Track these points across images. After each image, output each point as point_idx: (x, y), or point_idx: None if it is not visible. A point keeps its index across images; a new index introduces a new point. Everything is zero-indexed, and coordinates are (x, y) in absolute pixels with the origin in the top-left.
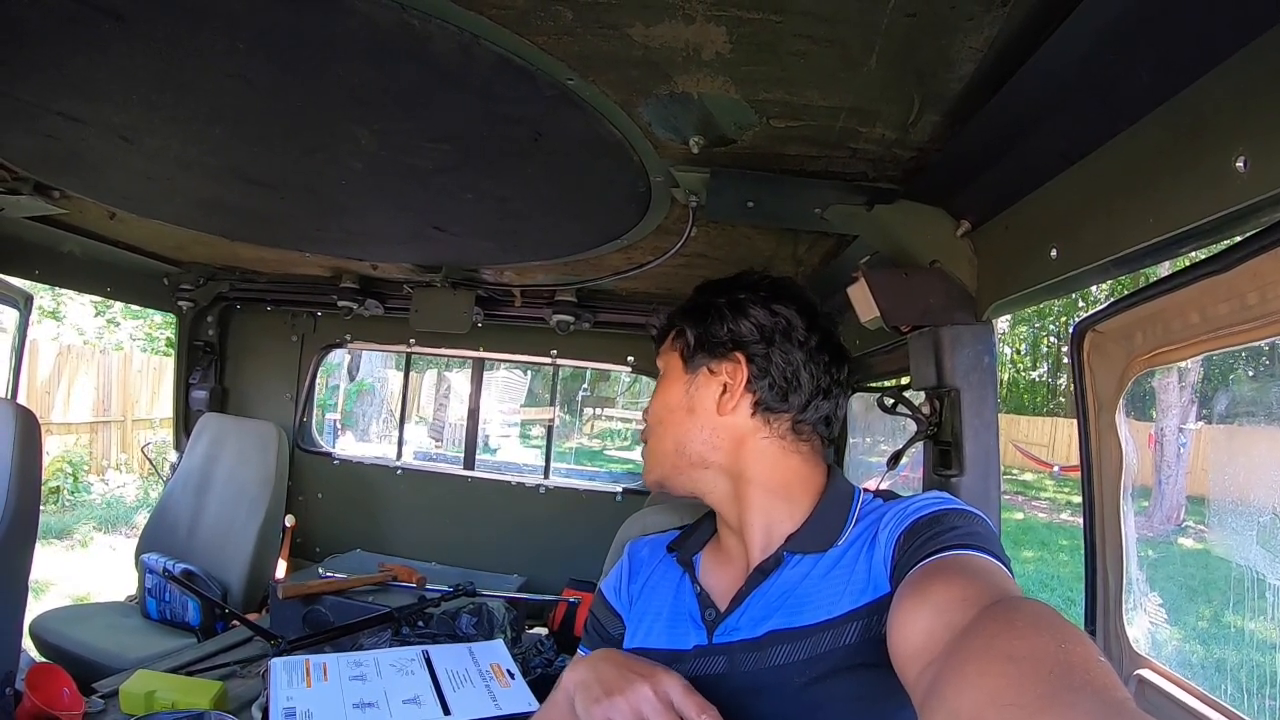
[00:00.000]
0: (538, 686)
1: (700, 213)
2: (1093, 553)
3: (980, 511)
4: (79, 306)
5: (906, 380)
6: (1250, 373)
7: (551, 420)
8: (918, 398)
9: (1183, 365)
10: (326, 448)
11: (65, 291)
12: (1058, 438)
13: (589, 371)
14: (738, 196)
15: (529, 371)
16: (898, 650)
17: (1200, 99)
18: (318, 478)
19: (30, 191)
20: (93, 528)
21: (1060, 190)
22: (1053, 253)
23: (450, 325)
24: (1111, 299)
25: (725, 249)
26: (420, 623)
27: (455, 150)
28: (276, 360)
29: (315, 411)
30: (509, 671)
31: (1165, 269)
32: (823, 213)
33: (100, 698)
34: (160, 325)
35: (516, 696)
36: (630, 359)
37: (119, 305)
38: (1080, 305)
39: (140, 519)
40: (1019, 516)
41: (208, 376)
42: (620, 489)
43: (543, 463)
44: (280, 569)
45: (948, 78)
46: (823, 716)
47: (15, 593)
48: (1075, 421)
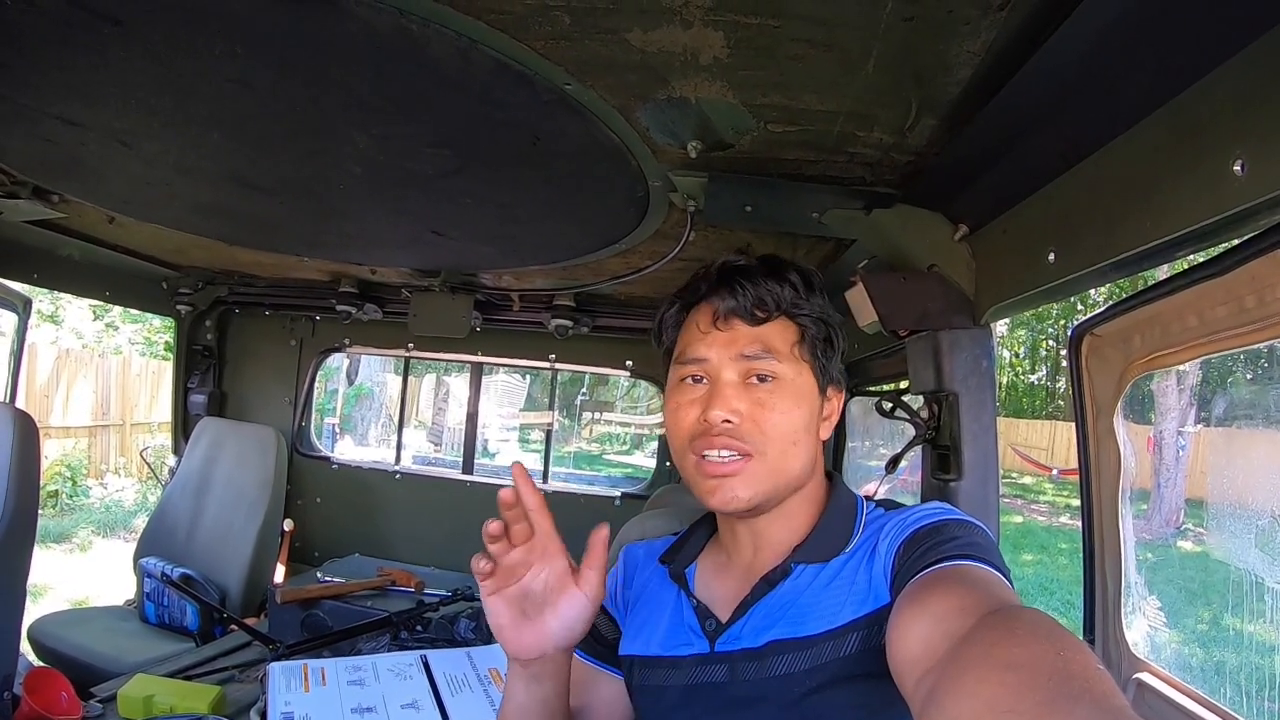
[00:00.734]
0: None
1: (698, 217)
2: (1092, 556)
3: (980, 521)
4: (78, 310)
5: (905, 384)
6: (1249, 376)
7: (550, 424)
8: (916, 401)
9: (1181, 368)
10: (325, 452)
11: (64, 295)
12: (1056, 441)
13: (587, 376)
14: (736, 201)
15: (527, 376)
16: (896, 660)
17: (1197, 103)
18: (316, 482)
19: (29, 196)
20: (91, 532)
21: (1058, 194)
22: (1051, 256)
23: (449, 330)
24: (1110, 302)
25: (723, 253)
26: (419, 627)
27: (454, 155)
28: (275, 364)
29: (314, 416)
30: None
31: (1163, 272)
32: (820, 217)
33: (98, 702)
34: (159, 329)
35: None
36: (629, 363)
37: (118, 309)
38: (1079, 309)
39: (139, 523)
40: (1018, 520)
41: (206, 380)
42: (619, 493)
43: (541, 467)
44: (279, 573)
45: (945, 82)
46: None
47: (14, 596)
48: (1074, 425)
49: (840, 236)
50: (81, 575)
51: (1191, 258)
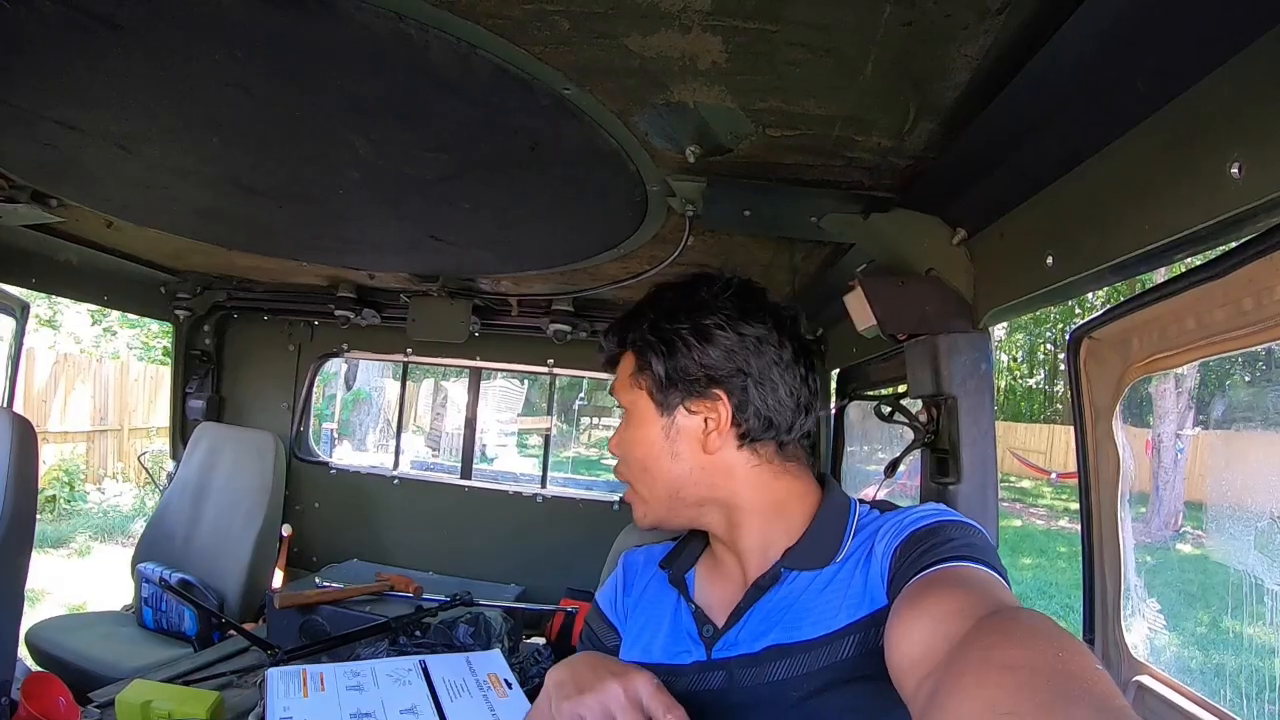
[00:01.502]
0: (535, 697)
1: (697, 222)
2: (1091, 559)
3: (977, 523)
4: (76, 315)
5: (904, 388)
6: (1247, 378)
7: (549, 429)
8: (915, 405)
9: (1179, 371)
10: (323, 457)
11: (62, 300)
12: (1055, 444)
13: (586, 381)
14: (734, 205)
15: (526, 381)
16: (895, 663)
17: (1195, 105)
18: (315, 487)
19: (27, 200)
20: (89, 537)
21: (1056, 197)
22: (1049, 260)
23: (447, 335)
24: (1108, 306)
25: (722, 258)
26: (417, 632)
27: (452, 160)
28: (273, 369)
29: (312, 421)
30: (506, 681)
31: (1161, 275)
32: (819, 221)
33: (96, 707)
34: (157, 334)
35: (514, 707)
36: None
37: (116, 314)
38: (1077, 312)
39: (137, 528)
40: (1017, 524)
41: (204, 385)
42: (618, 498)
43: (540, 472)
44: (277, 578)
45: (943, 86)
46: None
47: (11, 601)
48: (1072, 428)
49: (838, 241)
50: (79, 580)
51: (1189, 261)
